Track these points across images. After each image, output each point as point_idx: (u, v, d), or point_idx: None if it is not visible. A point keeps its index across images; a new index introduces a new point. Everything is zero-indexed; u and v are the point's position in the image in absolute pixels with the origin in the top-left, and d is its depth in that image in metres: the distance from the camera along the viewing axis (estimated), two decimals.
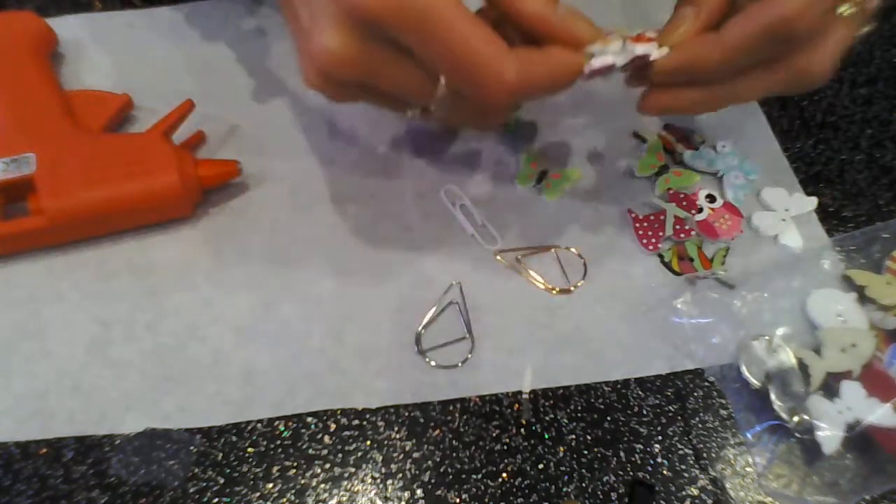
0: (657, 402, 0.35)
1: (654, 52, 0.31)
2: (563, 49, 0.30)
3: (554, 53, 0.30)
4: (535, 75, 0.29)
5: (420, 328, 0.36)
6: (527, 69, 0.29)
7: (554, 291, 0.38)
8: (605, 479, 0.33)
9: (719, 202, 0.40)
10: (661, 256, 0.39)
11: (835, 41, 0.31)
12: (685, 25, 0.32)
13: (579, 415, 0.35)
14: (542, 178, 0.41)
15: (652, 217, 0.40)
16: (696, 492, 0.33)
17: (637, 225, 0.40)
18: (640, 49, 0.31)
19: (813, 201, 0.41)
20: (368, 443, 0.34)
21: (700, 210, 0.40)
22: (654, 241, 0.39)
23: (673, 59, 0.31)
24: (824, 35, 0.31)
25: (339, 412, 0.34)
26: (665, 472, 0.33)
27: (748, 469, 0.34)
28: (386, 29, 0.27)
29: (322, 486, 0.33)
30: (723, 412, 0.35)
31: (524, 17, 0.29)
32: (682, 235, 0.39)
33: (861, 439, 0.33)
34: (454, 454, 0.34)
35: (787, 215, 0.40)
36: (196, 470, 0.33)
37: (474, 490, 0.33)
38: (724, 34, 0.31)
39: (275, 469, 0.33)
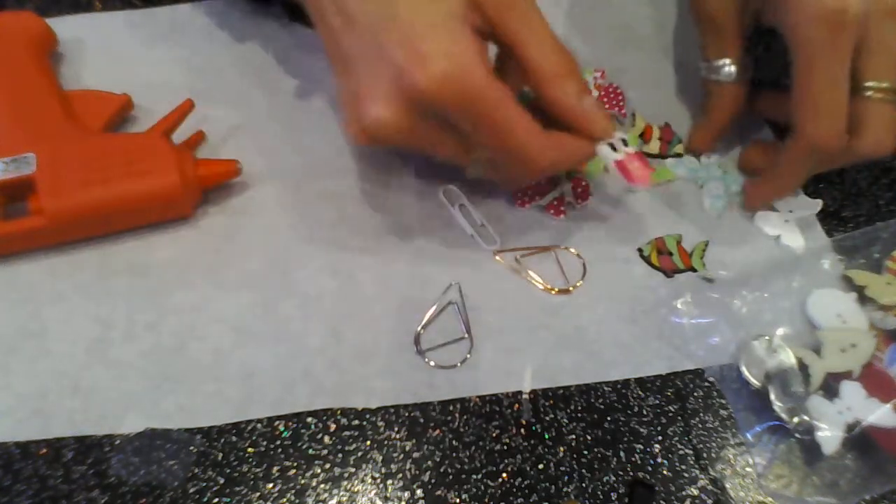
0: (657, 402, 0.35)
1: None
2: (583, 139, 0.34)
3: (577, 140, 0.34)
4: (562, 159, 0.34)
5: (419, 328, 0.36)
6: (557, 156, 0.33)
7: (553, 292, 0.38)
8: (605, 479, 0.33)
9: (631, 149, 0.37)
10: (640, 251, 0.39)
11: (880, 122, 0.34)
12: (699, 133, 0.42)
13: (579, 415, 0.35)
14: (570, 172, 0.41)
15: (543, 182, 0.41)
16: (696, 492, 0.33)
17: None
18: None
19: (818, 203, 0.41)
20: (368, 443, 0.34)
21: (614, 149, 0.37)
22: (525, 200, 0.41)
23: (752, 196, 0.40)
24: (868, 121, 0.34)
25: (338, 412, 0.34)
26: (665, 472, 0.33)
27: (748, 469, 0.34)
28: (439, 111, 0.30)
29: (322, 486, 0.33)
30: (723, 412, 0.35)
31: (555, 103, 0.33)
32: (552, 211, 0.40)
33: (861, 439, 0.33)
34: (454, 454, 0.34)
35: (791, 216, 0.40)
36: (196, 470, 0.33)
37: (474, 490, 0.33)
38: (777, 171, 0.38)
39: (275, 469, 0.33)
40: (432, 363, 0.36)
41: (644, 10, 0.49)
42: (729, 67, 0.39)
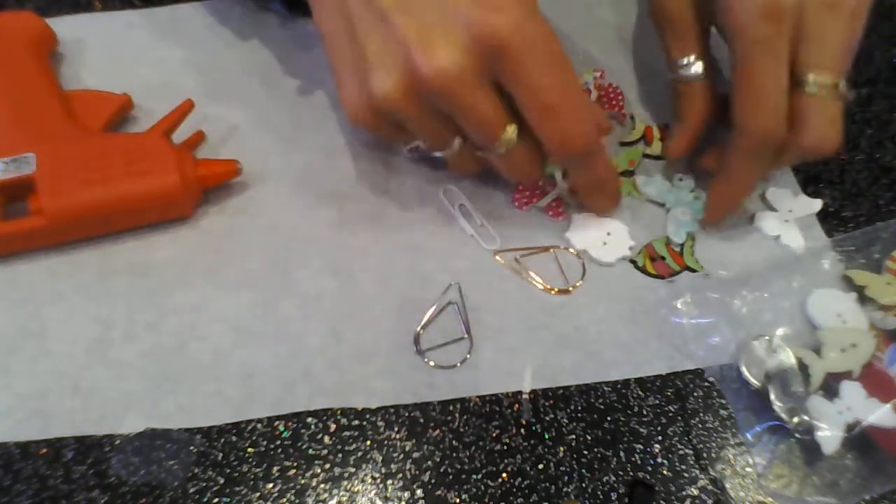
0: (657, 402, 0.35)
1: None
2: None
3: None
4: (593, 134, 0.34)
5: (419, 328, 0.36)
6: (592, 125, 0.34)
7: (553, 292, 0.38)
8: (605, 479, 0.33)
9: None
10: (633, 262, 0.39)
11: (823, 117, 0.34)
12: (674, 139, 0.41)
13: (579, 415, 0.35)
14: (566, 173, 0.41)
15: (540, 183, 0.41)
16: (696, 492, 0.33)
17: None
18: None
19: (818, 203, 0.41)
20: (368, 443, 0.34)
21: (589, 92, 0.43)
22: (524, 201, 0.41)
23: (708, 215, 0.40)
24: (810, 116, 0.34)
25: (338, 412, 0.34)
26: (665, 472, 0.33)
27: (748, 469, 0.34)
28: (505, 58, 0.30)
29: (322, 486, 0.33)
30: (723, 412, 0.35)
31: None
32: (550, 213, 0.40)
33: (861, 439, 0.33)
34: (454, 454, 0.34)
35: (790, 216, 0.40)
36: (196, 470, 0.33)
37: (474, 490, 0.33)
38: (727, 175, 0.37)
39: (275, 469, 0.33)
40: (432, 363, 0.36)
41: (643, 10, 0.49)
42: (696, 64, 0.39)
